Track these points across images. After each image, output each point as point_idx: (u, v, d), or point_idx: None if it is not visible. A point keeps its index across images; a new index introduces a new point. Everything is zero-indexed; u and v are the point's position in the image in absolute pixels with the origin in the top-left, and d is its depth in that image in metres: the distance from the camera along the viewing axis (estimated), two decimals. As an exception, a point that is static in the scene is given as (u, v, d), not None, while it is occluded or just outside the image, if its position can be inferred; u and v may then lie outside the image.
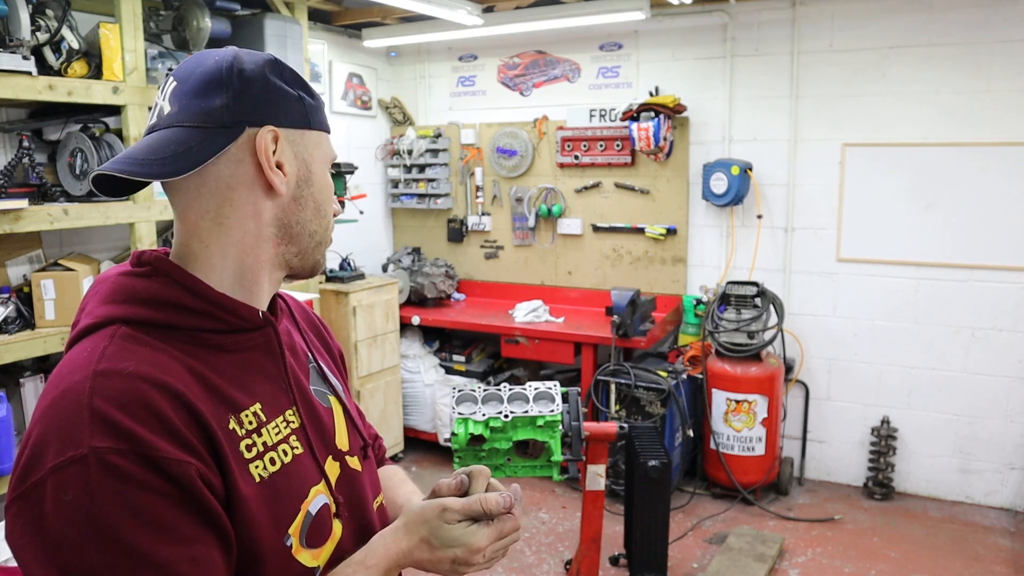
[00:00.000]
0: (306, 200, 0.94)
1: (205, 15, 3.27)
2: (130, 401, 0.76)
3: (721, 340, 4.01)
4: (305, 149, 0.94)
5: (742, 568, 3.32)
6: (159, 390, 0.78)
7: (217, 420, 0.83)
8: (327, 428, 1.00)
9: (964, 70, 3.79)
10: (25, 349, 2.73)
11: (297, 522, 0.89)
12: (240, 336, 0.91)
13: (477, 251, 5.14)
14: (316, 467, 0.94)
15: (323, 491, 0.94)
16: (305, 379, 1.01)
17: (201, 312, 0.88)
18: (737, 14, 4.22)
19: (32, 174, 2.89)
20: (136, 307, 0.86)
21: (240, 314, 0.91)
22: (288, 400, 0.95)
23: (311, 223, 0.95)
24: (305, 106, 0.94)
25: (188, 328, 0.87)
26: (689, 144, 4.42)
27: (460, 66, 5.06)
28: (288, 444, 0.91)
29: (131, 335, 0.83)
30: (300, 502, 0.90)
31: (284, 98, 0.91)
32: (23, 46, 2.62)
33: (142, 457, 0.74)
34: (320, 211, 0.96)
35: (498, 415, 2.48)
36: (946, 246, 3.92)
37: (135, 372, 0.78)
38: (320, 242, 0.97)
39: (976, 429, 3.98)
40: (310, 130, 0.94)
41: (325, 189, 0.97)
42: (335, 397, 1.05)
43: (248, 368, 0.91)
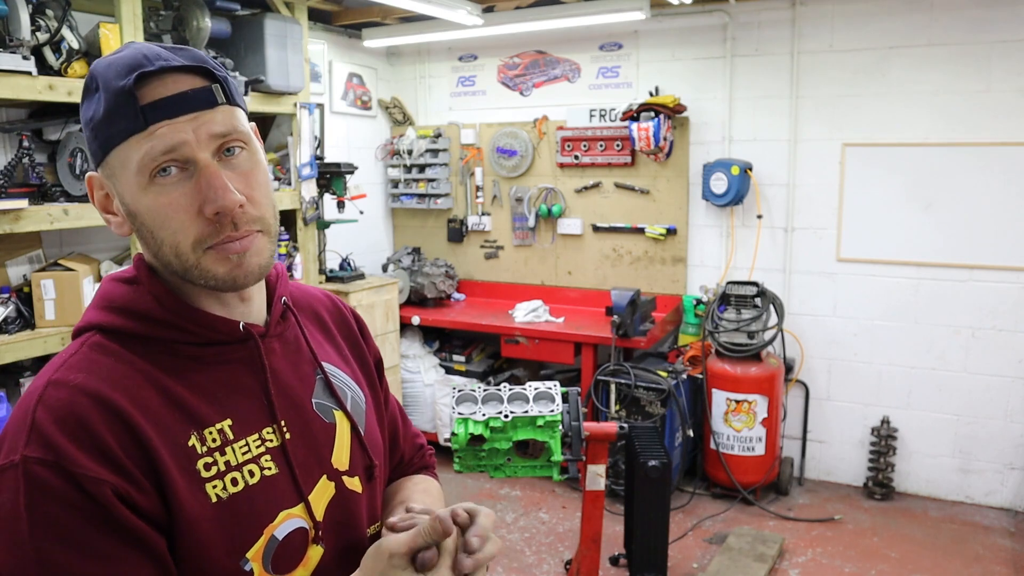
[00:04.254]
0: (142, 233, 0.84)
1: (205, 15, 3.26)
2: (66, 415, 0.75)
3: (721, 340, 4.01)
4: (116, 182, 0.83)
5: (742, 568, 3.32)
6: (99, 406, 0.77)
7: (169, 438, 0.80)
8: (322, 446, 0.94)
9: (964, 70, 3.79)
10: (25, 349, 2.73)
11: (258, 546, 0.84)
12: (221, 348, 0.87)
13: (477, 251, 5.14)
14: (293, 489, 0.88)
15: (299, 514, 0.88)
16: (306, 393, 0.95)
17: (171, 324, 0.85)
18: (737, 14, 4.22)
19: (32, 174, 2.89)
20: (111, 315, 0.85)
21: (216, 327, 0.87)
22: (267, 418, 0.89)
23: (160, 254, 0.84)
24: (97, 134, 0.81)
25: (162, 339, 0.84)
26: (689, 144, 4.42)
27: (460, 66, 5.06)
28: (257, 464, 0.86)
29: (100, 344, 0.83)
30: (264, 526, 0.85)
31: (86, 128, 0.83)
32: (23, 46, 2.62)
33: (63, 472, 0.73)
34: (156, 240, 0.82)
35: (498, 415, 2.48)
36: (946, 246, 3.92)
37: (80, 385, 0.78)
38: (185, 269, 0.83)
39: (976, 429, 3.98)
40: (109, 155, 0.82)
41: (152, 214, 0.81)
42: (342, 412, 0.98)
43: (225, 383, 0.87)
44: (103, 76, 0.81)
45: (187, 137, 0.79)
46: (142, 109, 0.78)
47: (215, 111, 0.81)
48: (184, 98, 0.80)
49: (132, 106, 0.78)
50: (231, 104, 0.84)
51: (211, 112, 0.81)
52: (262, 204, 0.85)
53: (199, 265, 0.82)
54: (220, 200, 0.80)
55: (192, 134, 0.80)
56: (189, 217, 0.81)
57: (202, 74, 0.82)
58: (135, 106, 0.78)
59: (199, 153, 0.80)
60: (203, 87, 0.81)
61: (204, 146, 0.80)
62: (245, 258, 0.83)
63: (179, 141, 0.79)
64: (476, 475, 4.19)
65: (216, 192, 0.80)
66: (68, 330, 2.85)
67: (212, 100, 0.81)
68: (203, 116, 0.80)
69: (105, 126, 0.80)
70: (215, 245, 0.82)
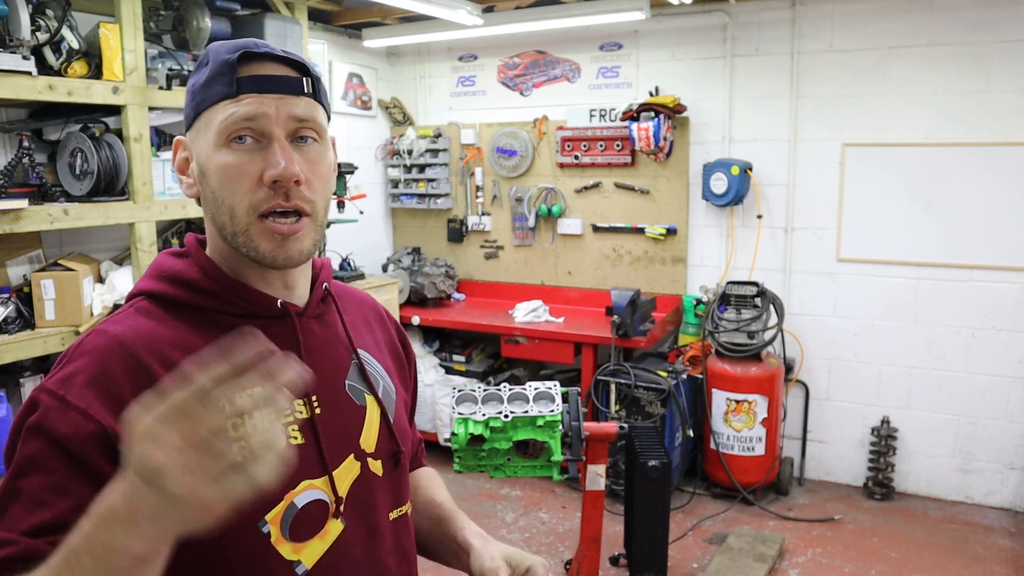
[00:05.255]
0: (206, 195, 0.91)
1: (205, 15, 3.26)
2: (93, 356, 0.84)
3: (721, 340, 4.01)
4: (196, 143, 0.92)
5: (742, 568, 3.32)
6: (123, 356, 0.84)
7: None
8: (351, 426, 0.98)
9: (964, 70, 3.79)
10: (25, 349, 2.73)
11: (277, 510, 0.88)
12: (260, 323, 0.91)
13: (477, 251, 5.13)
14: (318, 462, 0.93)
15: (321, 487, 0.92)
16: (340, 374, 1.00)
17: (212, 293, 0.91)
18: (737, 14, 4.22)
19: (32, 174, 2.89)
20: (160, 283, 0.92)
21: (254, 301, 0.93)
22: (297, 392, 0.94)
23: (217, 214, 0.90)
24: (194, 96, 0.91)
25: (205, 308, 0.91)
26: (689, 144, 4.42)
27: (460, 66, 5.06)
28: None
29: (146, 308, 0.91)
30: (284, 491, 0.89)
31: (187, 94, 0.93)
32: (23, 46, 2.62)
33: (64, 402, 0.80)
34: (216, 200, 0.89)
35: (498, 415, 2.48)
36: (946, 246, 3.92)
37: (115, 335, 0.85)
38: (234, 233, 0.89)
39: (976, 429, 3.98)
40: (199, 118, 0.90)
41: (218, 173, 0.88)
42: (373, 397, 1.03)
43: None
44: (215, 51, 0.91)
45: (268, 111, 0.87)
46: (238, 80, 0.87)
47: (299, 99, 0.89)
48: (275, 80, 0.89)
49: (230, 75, 0.87)
50: (316, 100, 0.92)
51: (296, 98, 0.89)
52: (317, 191, 0.91)
53: (247, 232, 0.88)
54: (279, 168, 0.86)
55: (274, 110, 0.87)
56: (250, 183, 0.87)
57: (297, 68, 0.91)
58: (233, 76, 0.87)
59: (275, 128, 0.88)
60: (295, 77, 0.90)
61: (281, 124, 0.88)
62: (289, 241, 0.89)
63: (260, 112, 0.87)
64: (476, 475, 4.19)
65: (278, 161, 0.87)
66: (68, 330, 2.86)
67: (299, 89, 0.90)
68: (288, 99, 0.88)
69: (203, 90, 0.89)
70: (265, 213, 0.88)
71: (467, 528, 1.15)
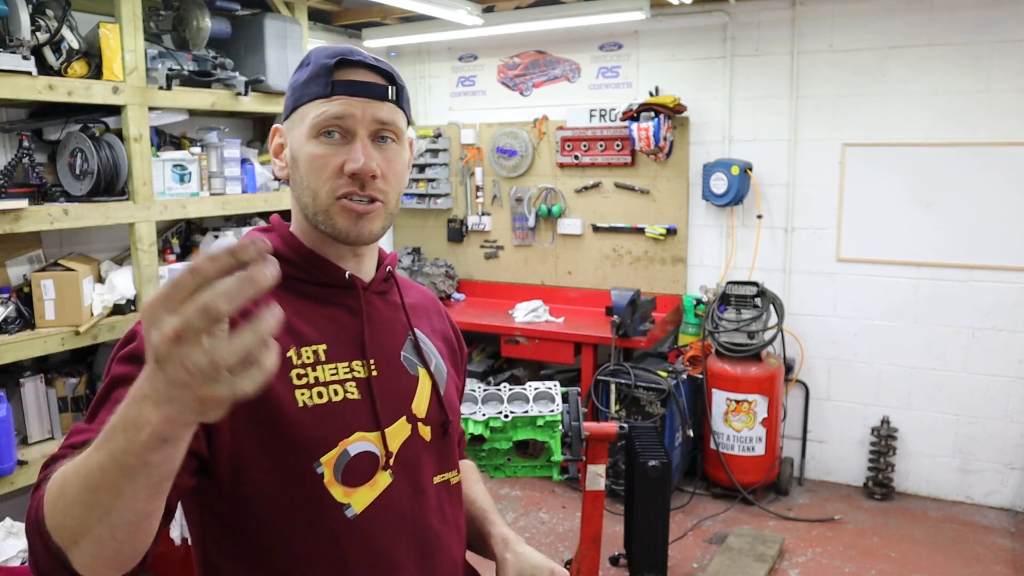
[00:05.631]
0: (295, 178, 1.05)
1: (205, 15, 3.26)
2: None
3: (721, 340, 4.01)
4: (291, 133, 1.06)
5: (742, 568, 3.32)
6: None
7: None
8: (403, 391, 1.10)
9: (964, 70, 3.79)
10: (25, 349, 2.73)
11: (332, 455, 0.99)
12: (330, 291, 1.06)
13: (477, 251, 5.14)
14: (371, 417, 1.03)
15: (373, 440, 1.03)
16: (396, 345, 1.12)
17: (288, 260, 1.04)
18: (737, 14, 4.22)
19: (32, 174, 2.89)
20: None
21: (324, 270, 1.06)
22: (359, 353, 1.05)
23: (302, 195, 1.05)
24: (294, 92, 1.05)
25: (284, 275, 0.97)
26: (689, 144, 4.42)
27: (460, 66, 5.06)
28: (342, 387, 1.02)
29: None
30: (339, 439, 1.00)
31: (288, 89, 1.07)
32: (23, 46, 2.62)
33: None
34: (304, 184, 1.03)
35: (498, 415, 2.48)
36: (946, 246, 3.92)
37: None
38: (315, 212, 1.03)
39: (976, 429, 3.98)
40: (296, 111, 1.04)
41: (308, 161, 1.02)
42: (425, 370, 1.14)
43: (328, 317, 1.05)
44: (316, 54, 1.04)
45: (355, 112, 1.01)
46: (333, 82, 1.01)
47: (383, 104, 1.03)
48: (365, 85, 1.02)
49: (327, 78, 1.01)
50: (398, 106, 1.05)
51: (380, 103, 1.03)
52: (391, 184, 1.05)
53: (328, 211, 1.02)
54: (358, 163, 1.00)
55: (360, 112, 1.01)
56: (333, 172, 1.01)
57: (385, 76, 1.04)
58: (329, 78, 1.01)
59: (359, 127, 1.01)
60: (382, 84, 1.03)
61: (365, 125, 1.02)
62: (363, 220, 1.03)
63: (348, 112, 1.01)
64: (476, 475, 4.18)
65: (358, 157, 1.00)
66: (68, 330, 2.86)
67: (384, 95, 1.03)
68: (373, 103, 1.02)
69: (302, 87, 1.03)
70: (344, 195, 1.01)
71: (494, 533, 1.21)
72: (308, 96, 1.02)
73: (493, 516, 1.25)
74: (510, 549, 1.18)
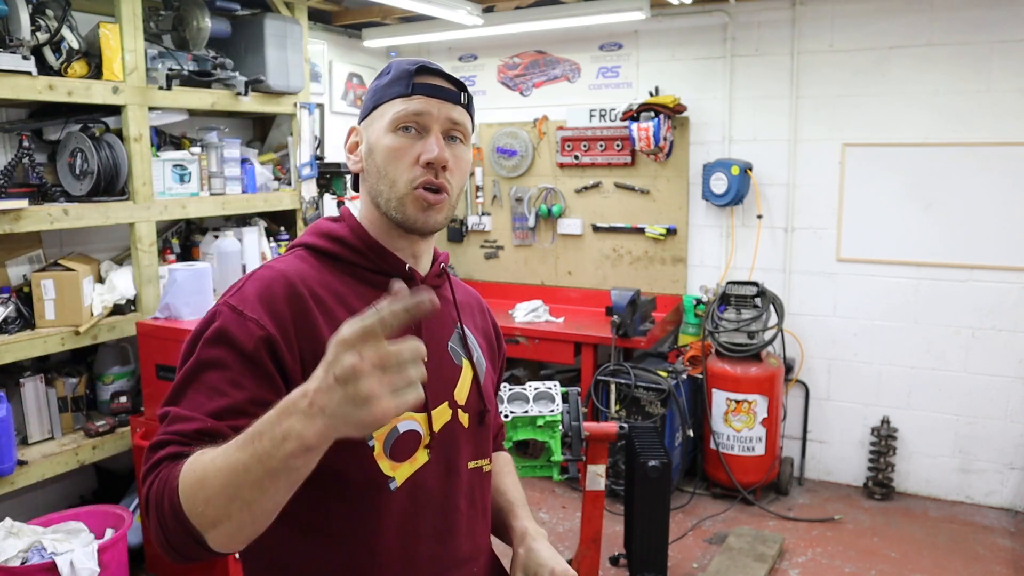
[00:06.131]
0: (370, 169, 1.15)
1: (205, 15, 3.27)
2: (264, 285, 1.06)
3: (721, 340, 4.01)
4: (370, 129, 1.16)
5: (742, 568, 3.32)
6: (285, 284, 1.06)
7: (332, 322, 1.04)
8: (448, 378, 1.17)
9: (964, 70, 3.79)
10: (25, 349, 2.74)
11: (383, 430, 1.06)
12: (387, 278, 1.08)
13: (477, 251, 5.14)
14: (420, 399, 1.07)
15: (419, 420, 1.10)
16: (445, 336, 1.20)
17: (355, 249, 1.14)
18: (737, 14, 4.22)
19: (32, 174, 2.89)
20: (317, 238, 1.17)
21: (385, 258, 1.15)
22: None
23: (377, 184, 1.14)
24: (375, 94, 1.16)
25: (349, 261, 1.14)
26: (689, 144, 4.42)
27: (460, 66, 5.06)
28: None
29: (304, 255, 1.15)
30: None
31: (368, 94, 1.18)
32: (23, 46, 2.62)
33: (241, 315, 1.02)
34: (381, 173, 1.13)
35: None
36: (946, 246, 3.92)
37: (280, 270, 1.08)
38: (389, 199, 1.12)
39: (976, 429, 3.98)
40: (376, 110, 1.14)
41: (385, 153, 1.12)
42: (468, 361, 1.22)
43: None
44: (397, 64, 1.15)
45: (432, 111, 1.11)
46: (413, 84, 1.12)
47: (456, 106, 1.14)
48: (441, 89, 1.13)
49: (407, 80, 1.12)
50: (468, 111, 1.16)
51: (453, 105, 1.13)
52: (456, 177, 1.14)
53: (403, 199, 1.11)
54: (433, 153, 1.10)
55: (436, 110, 1.11)
56: (409, 162, 1.11)
57: (458, 86, 1.15)
58: (410, 80, 1.12)
59: (434, 124, 1.11)
60: (455, 90, 1.14)
61: (440, 123, 1.12)
62: (431, 211, 1.12)
63: (426, 110, 1.11)
64: (476, 475, 4.18)
65: (433, 148, 1.10)
66: (68, 330, 2.86)
67: (457, 99, 1.14)
68: (447, 105, 1.12)
69: (384, 89, 1.14)
70: (419, 185, 1.10)
71: (515, 526, 1.30)
72: (389, 96, 1.12)
73: (519, 509, 1.33)
74: (524, 544, 1.28)
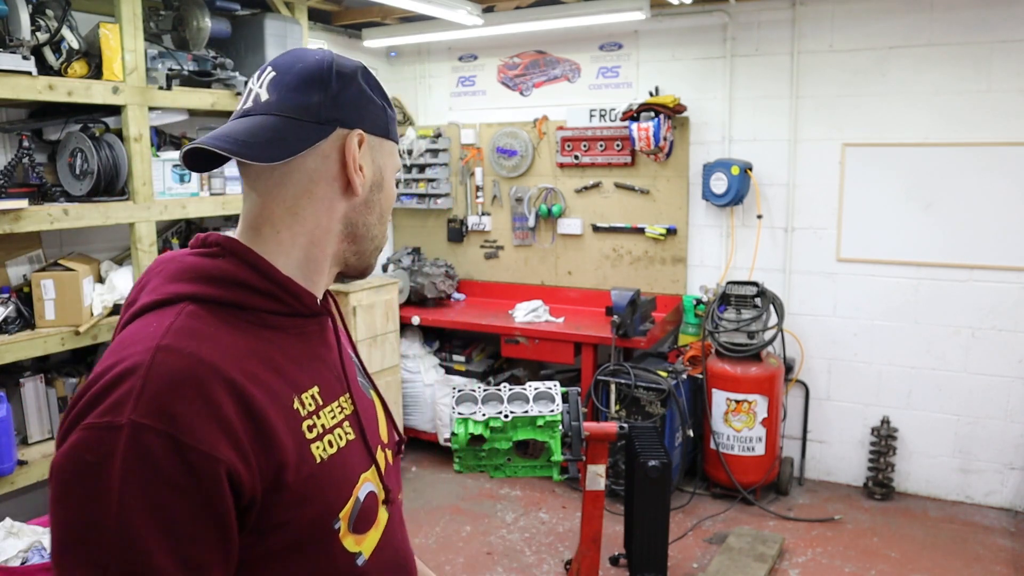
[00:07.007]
0: (374, 204, 0.98)
1: (205, 15, 3.26)
2: (185, 383, 0.76)
3: (721, 340, 4.01)
4: (382, 156, 0.98)
5: (742, 568, 3.32)
6: (217, 377, 0.78)
7: (279, 403, 0.84)
8: (372, 418, 1.03)
9: (964, 70, 3.79)
10: (25, 349, 2.73)
11: (348, 507, 0.90)
12: (299, 320, 0.93)
13: (477, 251, 5.14)
14: (367, 454, 0.96)
15: (371, 478, 0.96)
16: (353, 369, 1.04)
17: (267, 293, 0.89)
18: (737, 14, 4.22)
19: (32, 174, 2.89)
20: (204, 285, 0.87)
21: (303, 299, 0.93)
22: (342, 387, 0.97)
23: (374, 227, 0.99)
24: (387, 116, 1.00)
25: (253, 308, 0.89)
26: (689, 144, 4.42)
27: (460, 66, 5.06)
28: (342, 429, 0.93)
29: (198, 314, 0.84)
30: (352, 486, 0.92)
31: (371, 105, 0.96)
32: (23, 46, 2.62)
33: (175, 442, 0.73)
34: (383, 218, 1.00)
35: (498, 415, 2.48)
36: (946, 246, 3.92)
37: (196, 354, 0.78)
38: (377, 247, 1.01)
39: (976, 429, 3.98)
40: (388, 139, 0.99)
41: (391, 197, 1.01)
42: (375, 391, 1.09)
43: (307, 352, 0.94)
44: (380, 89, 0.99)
45: None
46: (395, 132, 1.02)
47: None
48: None
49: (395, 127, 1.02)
50: None
51: None
52: None
53: (380, 249, 1.02)
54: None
55: None
56: None
57: None
58: (395, 128, 1.02)
59: None
60: None
61: None
62: None
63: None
64: (476, 475, 4.19)
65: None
66: (68, 330, 2.85)
67: None
68: None
69: (393, 122, 1.01)
70: None
71: None
72: (396, 137, 1.02)
73: None
74: None
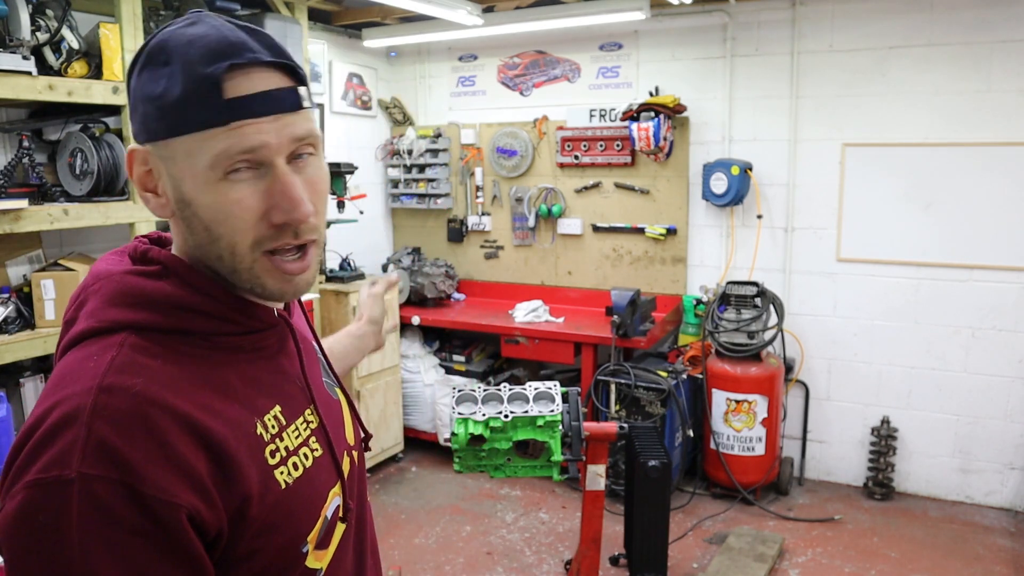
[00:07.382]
0: (192, 222, 0.78)
1: (205, 15, 3.26)
2: (133, 425, 0.69)
3: (721, 340, 4.01)
4: (173, 163, 0.77)
5: (742, 568, 3.32)
6: (168, 414, 0.71)
7: (240, 433, 0.77)
8: (339, 423, 0.95)
9: (964, 70, 3.79)
10: (25, 349, 2.73)
11: (316, 529, 0.84)
12: (254, 337, 0.84)
13: (477, 251, 5.14)
14: (334, 467, 0.89)
15: (338, 492, 0.89)
16: (318, 371, 0.95)
17: (218, 316, 0.80)
18: (737, 14, 4.22)
19: (32, 174, 2.89)
20: (147, 312, 0.77)
21: (259, 316, 0.84)
22: (306, 399, 0.88)
23: (209, 247, 0.79)
24: (163, 107, 0.74)
25: (202, 333, 0.79)
26: (689, 144, 4.42)
27: (460, 66, 5.06)
28: (308, 447, 0.85)
29: (141, 345, 0.74)
30: (320, 507, 0.85)
31: (145, 101, 0.76)
32: (23, 46, 2.62)
33: (132, 493, 0.66)
34: (212, 235, 0.77)
35: (498, 415, 2.48)
36: (946, 246, 3.92)
37: (143, 392, 0.71)
38: (234, 269, 0.79)
39: (976, 429, 3.98)
40: (176, 138, 0.75)
41: (215, 209, 0.76)
42: (340, 389, 1.01)
43: (265, 369, 0.85)
44: (181, 54, 0.74)
45: (269, 140, 0.75)
46: (227, 103, 0.73)
47: (298, 114, 0.78)
48: (270, 97, 0.76)
49: (216, 97, 0.73)
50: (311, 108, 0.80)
51: (293, 115, 0.77)
52: (322, 214, 0.83)
53: (252, 269, 0.79)
54: (293, 212, 0.77)
55: (274, 137, 0.76)
56: (253, 218, 0.77)
57: (287, 72, 0.78)
58: (219, 98, 0.73)
59: (276, 157, 0.76)
60: (289, 88, 0.78)
61: (283, 150, 0.77)
62: (297, 277, 0.82)
63: (261, 143, 0.75)
64: (476, 475, 4.19)
65: (290, 203, 0.77)
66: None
67: (297, 103, 0.78)
68: (285, 118, 0.77)
69: (179, 110, 0.74)
70: (274, 250, 0.79)
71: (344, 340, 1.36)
72: (193, 125, 0.74)
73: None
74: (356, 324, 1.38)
